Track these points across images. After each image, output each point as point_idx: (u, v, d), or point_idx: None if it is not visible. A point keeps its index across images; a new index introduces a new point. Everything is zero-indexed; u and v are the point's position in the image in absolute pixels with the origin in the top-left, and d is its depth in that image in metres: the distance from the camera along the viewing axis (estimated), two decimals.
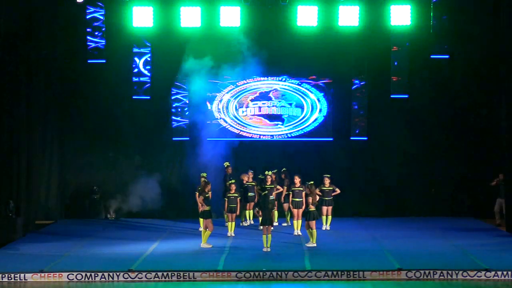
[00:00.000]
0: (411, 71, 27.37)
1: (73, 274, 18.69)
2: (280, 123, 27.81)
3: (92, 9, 26.52)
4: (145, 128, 27.88)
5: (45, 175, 27.12)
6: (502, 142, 25.20)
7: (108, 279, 18.67)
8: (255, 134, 27.87)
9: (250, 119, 27.84)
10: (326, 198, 24.70)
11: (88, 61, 26.70)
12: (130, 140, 27.94)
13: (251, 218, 25.57)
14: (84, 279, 18.63)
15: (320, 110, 27.78)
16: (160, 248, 22.03)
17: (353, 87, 27.74)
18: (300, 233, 23.66)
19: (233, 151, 27.09)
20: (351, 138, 27.73)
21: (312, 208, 22.15)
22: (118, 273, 18.73)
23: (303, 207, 23.34)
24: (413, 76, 27.38)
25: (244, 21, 26.03)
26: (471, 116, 27.36)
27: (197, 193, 22.85)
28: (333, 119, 27.83)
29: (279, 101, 27.80)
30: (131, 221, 26.94)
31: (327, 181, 24.71)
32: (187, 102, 27.62)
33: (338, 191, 24.89)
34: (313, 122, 27.78)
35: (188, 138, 27.61)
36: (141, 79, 27.27)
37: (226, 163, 25.80)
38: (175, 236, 24.04)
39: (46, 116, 26.98)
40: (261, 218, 21.84)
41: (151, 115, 27.82)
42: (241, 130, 27.82)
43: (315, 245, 21.84)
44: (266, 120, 27.84)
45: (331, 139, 27.79)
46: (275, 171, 25.23)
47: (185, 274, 18.67)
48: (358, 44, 27.16)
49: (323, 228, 24.60)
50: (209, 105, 27.73)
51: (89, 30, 26.61)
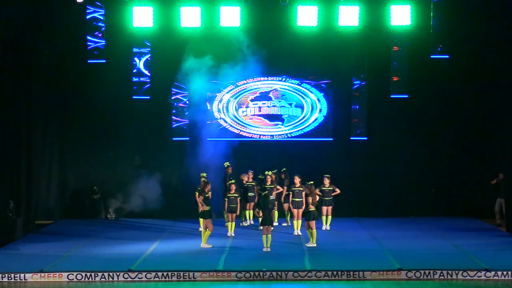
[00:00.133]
0: (411, 71, 27.35)
1: (73, 274, 18.70)
2: (280, 123, 27.80)
3: (92, 9, 26.48)
4: (145, 128, 27.88)
5: (45, 175, 27.14)
6: (502, 142, 25.20)
7: (108, 279, 18.68)
8: (255, 134, 27.86)
9: (250, 119, 27.84)
10: (326, 198, 24.71)
11: (88, 61, 26.66)
12: (130, 140, 27.94)
13: (251, 218, 25.57)
14: (84, 279, 18.64)
15: (320, 110, 27.78)
16: (160, 248, 22.02)
17: (353, 87, 27.74)
18: (300, 233, 23.66)
19: (233, 151, 27.08)
20: (351, 138, 27.71)
21: (312, 208, 22.15)
22: (118, 273, 18.74)
23: (303, 207, 23.34)
24: (413, 76, 27.35)
25: (244, 21, 25.99)
26: (471, 116, 27.33)
27: (197, 193, 22.85)
28: (333, 119, 27.82)
29: (279, 101, 27.79)
30: (131, 221, 26.94)
31: (327, 181, 24.71)
32: (187, 102, 27.61)
33: (338, 191, 24.89)
34: (313, 122, 27.78)
35: (188, 138, 27.60)
36: (141, 79, 27.25)
37: (226, 163, 25.80)
38: (175, 236, 24.04)
39: (46, 116, 27.01)
40: (261, 218, 21.83)
41: (151, 115, 27.81)
42: (241, 130, 27.81)
43: (315, 245, 21.84)
44: (266, 120, 27.83)
45: (331, 139, 27.78)
46: (275, 171, 25.25)
47: (185, 274, 18.68)
48: (358, 44, 27.16)
49: (323, 228, 24.60)
50: (209, 105, 27.75)
51: (89, 30, 26.58)
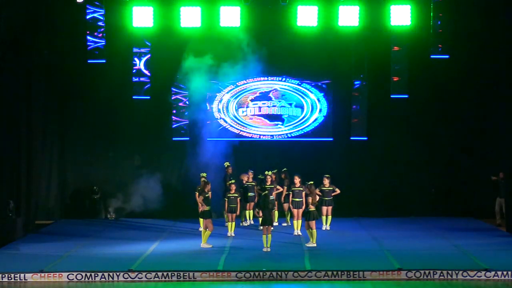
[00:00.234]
0: (411, 71, 27.34)
1: (73, 274, 18.70)
2: (280, 123, 27.80)
3: (92, 9, 26.48)
4: (145, 128, 27.88)
5: (45, 175, 27.15)
6: (502, 142, 25.20)
7: (108, 279, 18.68)
8: (255, 134, 27.86)
9: (250, 119, 27.83)
10: (326, 198, 24.70)
11: (88, 61, 26.65)
12: (130, 140, 27.94)
13: (251, 218, 25.57)
14: (84, 279, 18.64)
15: (320, 110, 27.77)
16: (160, 248, 22.02)
17: (353, 87, 27.72)
18: (300, 233, 23.66)
19: (233, 151, 27.07)
20: (351, 138, 27.70)
21: (312, 208, 22.14)
22: (118, 273, 18.74)
23: (303, 207, 23.34)
24: (413, 76, 27.34)
25: (244, 21, 25.97)
26: (471, 116, 27.33)
27: (197, 193, 22.85)
28: (333, 119, 27.82)
29: (279, 101, 27.79)
30: (131, 221, 26.93)
31: (327, 181, 24.70)
32: (187, 102, 27.60)
33: (338, 191, 24.88)
34: (313, 122, 27.77)
35: (188, 138, 27.60)
36: (141, 79, 27.24)
37: (227, 163, 25.80)
38: (175, 236, 24.04)
39: (46, 116, 27.01)
40: (261, 218, 21.83)
41: (151, 115, 27.81)
42: (241, 130, 27.81)
43: (315, 245, 21.84)
44: (266, 120, 27.83)
45: (331, 139, 27.78)
46: (275, 171, 25.25)
47: (185, 274, 18.68)
48: (358, 44, 27.15)
49: (323, 228, 24.60)
50: (209, 105, 27.74)
51: (89, 30, 26.57)
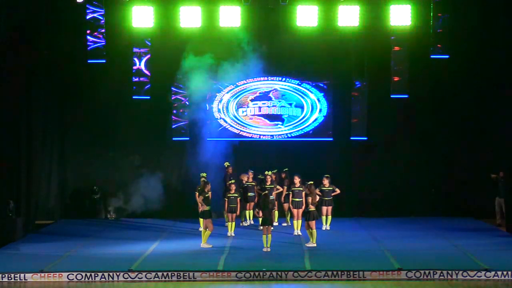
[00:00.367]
0: (411, 71, 27.33)
1: (73, 274, 18.70)
2: (280, 123, 27.79)
3: (92, 9, 26.47)
4: (145, 128, 27.88)
5: (45, 175, 27.13)
6: (502, 142, 25.19)
7: (108, 279, 18.69)
8: (255, 134, 27.86)
9: (250, 119, 27.83)
10: (326, 198, 24.70)
11: (88, 61, 26.63)
12: (130, 140, 27.93)
13: (251, 218, 25.57)
14: (84, 279, 18.64)
15: (320, 110, 27.77)
16: (160, 248, 22.02)
17: (353, 87, 27.71)
18: (300, 233, 23.66)
19: (233, 151, 27.06)
20: (351, 138, 27.69)
21: (312, 208, 22.14)
22: (118, 273, 18.74)
23: (303, 207, 23.33)
24: (413, 76, 27.33)
25: (244, 21, 25.96)
26: (471, 116, 27.31)
27: (197, 193, 22.85)
28: (333, 119, 27.81)
29: (279, 101, 27.78)
30: (131, 221, 26.93)
31: (327, 181, 24.70)
32: (187, 102, 27.59)
33: (338, 191, 24.88)
34: (313, 122, 27.77)
35: (188, 138, 27.60)
36: (141, 79, 27.23)
37: (227, 163, 25.80)
38: (175, 236, 24.03)
39: (46, 116, 26.99)
40: (261, 218, 21.82)
41: (151, 115, 27.81)
42: (241, 130, 27.80)
43: (315, 245, 21.84)
44: (266, 120, 27.82)
45: (331, 139, 27.78)
46: (275, 171, 25.25)
47: (185, 274, 18.68)
48: (358, 44, 27.12)
49: (323, 228, 24.60)
50: (209, 105, 27.72)
51: (89, 30, 26.56)
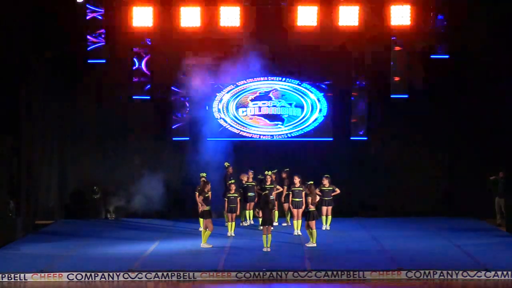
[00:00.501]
0: (411, 71, 27.32)
1: (73, 274, 18.71)
2: (280, 123, 27.78)
3: (92, 9, 26.47)
4: (145, 128, 27.88)
5: (45, 175, 27.15)
6: (502, 142, 25.19)
7: (108, 279, 18.69)
8: (255, 134, 27.85)
9: (250, 119, 27.82)
10: (326, 198, 24.70)
11: (88, 61, 26.63)
12: (130, 140, 27.94)
13: (251, 218, 25.57)
14: (84, 279, 18.64)
15: (320, 110, 27.76)
16: (160, 248, 22.02)
17: (353, 87, 27.70)
18: (300, 233, 23.65)
19: (233, 151, 27.06)
20: (351, 138, 27.68)
21: (312, 208, 22.14)
22: (118, 273, 18.75)
23: (303, 207, 23.33)
24: (413, 76, 27.32)
25: (244, 21, 25.97)
26: (471, 116, 27.29)
27: (197, 193, 22.85)
28: (333, 119, 27.81)
29: (279, 101, 27.78)
30: (131, 221, 26.93)
31: (327, 181, 24.69)
32: (187, 102, 27.58)
33: (338, 191, 24.88)
34: (313, 122, 27.76)
35: (188, 138, 27.58)
36: (141, 79, 27.21)
37: (226, 163, 25.80)
38: (175, 236, 24.03)
39: (46, 116, 27.00)
40: (261, 218, 21.82)
41: (151, 115, 27.81)
42: (241, 130, 27.80)
43: (315, 245, 21.84)
44: (266, 120, 27.82)
45: (331, 139, 27.76)
46: (275, 171, 25.25)
47: (185, 274, 18.69)
48: (358, 44, 27.12)
49: (323, 228, 24.59)
50: (209, 105, 27.70)
51: (89, 30, 26.54)
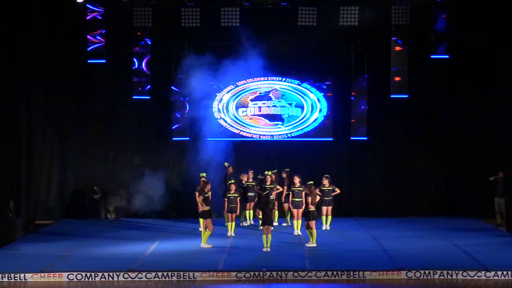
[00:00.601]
0: (411, 71, 27.31)
1: (73, 274, 18.71)
2: (280, 123, 27.78)
3: (92, 9, 26.45)
4: (145, 128, 27.89)
5: (45, 175, 27.15)
6: (502, 142, 25.19)
7: (108, 279, 18.70)
8: (255, 134, 27.85)
9: (250, 119, 27.82)
10: (326, 198, 24.70)
11: (88, 61, 26.61)
12: (130, 140, 27.95)
13: (251, 218, 25.57)
14: (84, 279, 18.65)
15: (320, 110, 27.76)
16: (160, 248, 22.03)
17: (353, 87, 27.69)
18: (300, 233, 23.66)
19: (233, 151, 27.05)
20: (351, 138, 27.67)
21: (312, 208, 22.14)
22: (118, 273, 18.76)
23: (303, 207, 23.34)
24: (413, 76, 27.32)
25: (244, 21, 25.97)
26: (471, 116, 27.30)
27: (197, 193, 22.85)
28: (333, 119, 27.81)
29: (279, 101, 27.78)
30: (131, 221, 26.93)
31: (327, 181, 24.70)
32: (187, 103, 27.57)
33: (338, 191, 24.89)
34: (313, 122, 27.76)
35: (188, 138, 27.58)
36: (141, 79, 27.21)
37: (226, 163, 25.81)
38: (175, 236, 24.04)
39: (46, 116, 27.01)
40: (262, 219, 21.81)
41: (151, 115, 27.82)
42: (241, 130, 27.79)
43: (315, 245, 21.84)
44: (266, 120, 27.82)
45: (331, 139, 27.77)
46: (275, 171, 25.26)
47: (185, 274, 18.70)
48: (358, 44, 27.13)
49: (323, 228, 24.60)
50: (209, 105, 27.69)
51: (89, 30, 26.51)
